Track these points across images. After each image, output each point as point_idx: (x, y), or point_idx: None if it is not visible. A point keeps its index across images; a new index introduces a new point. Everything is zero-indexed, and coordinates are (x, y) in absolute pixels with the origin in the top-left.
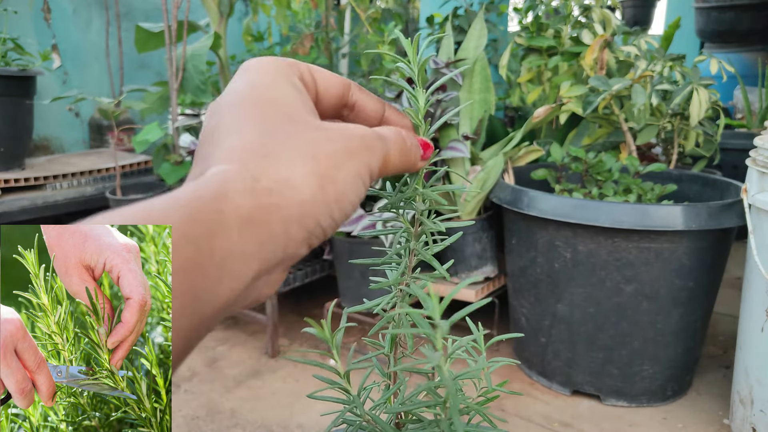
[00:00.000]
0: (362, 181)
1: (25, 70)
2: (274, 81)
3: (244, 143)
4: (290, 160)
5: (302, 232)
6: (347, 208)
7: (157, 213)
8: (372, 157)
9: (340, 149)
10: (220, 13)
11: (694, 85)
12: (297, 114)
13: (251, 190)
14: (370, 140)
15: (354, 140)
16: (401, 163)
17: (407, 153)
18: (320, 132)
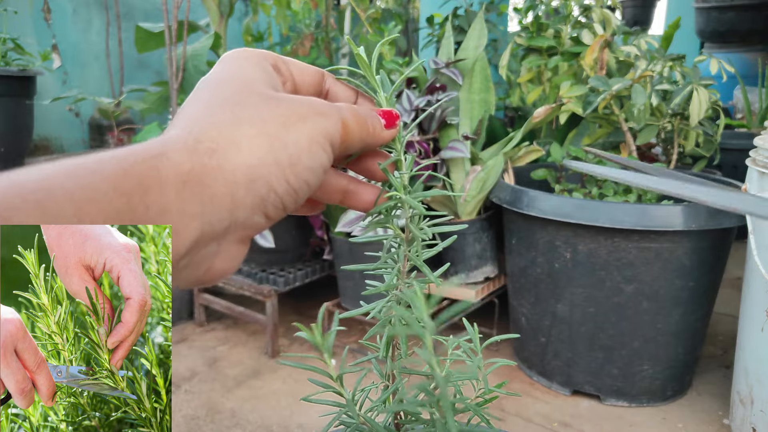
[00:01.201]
0: (320, 147)
1: (25, 70)
2: (239, 64)
3: (194, 112)
4: (236, 124)
5: (252, 197)
6: (305, 174)
7: (91, 164)
8: (327, 123)
9: (290, 113)
10: (220, 13)
11: (694, 85)
12: (253, 87)
13: (192, 150)
14: (322, 106)
15: (305, 105)
16: (362, 131)
17: (363, 121)
18: (271, 100)
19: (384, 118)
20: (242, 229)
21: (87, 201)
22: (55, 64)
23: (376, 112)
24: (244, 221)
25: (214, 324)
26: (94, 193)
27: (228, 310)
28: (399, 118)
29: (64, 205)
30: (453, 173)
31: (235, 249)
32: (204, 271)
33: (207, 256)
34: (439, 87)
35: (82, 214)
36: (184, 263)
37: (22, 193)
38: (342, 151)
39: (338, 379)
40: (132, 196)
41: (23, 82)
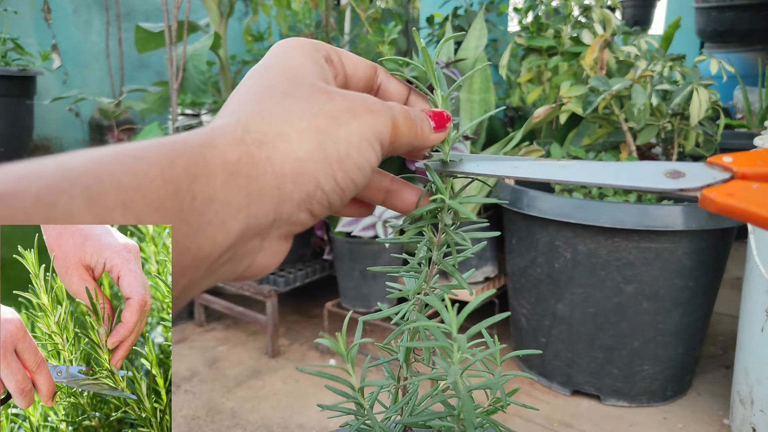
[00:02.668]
0: (370, 145)
1: (26, 70)
2: (291, 53)
3: (243, 102)
4: (286, 116)
5: (299, 192)
6: (353, 172)
7: (137, 151)
8: (378, 122)
9: (342, 108)
10: (220, 13)
11: (694, 85)
12: (305, 78)
13: (240, 141)
14: (374, 104)
15: (357, 102)
16: (410, 133)
17: (413, 122)
18: (323, 93)
19: (434, 120)
20: (287, 225)
21: (134, 188)
22: (55, 64)
23: (427, 114)
24: (289, 217)
25: (214, 324)
26: (141, 180)
27: (228, 310)
28: (450, 120)
29: (111, 192)
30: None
31: (277, 245)
32: (246, 266)
33: (250, 251)
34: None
35: (128, 201)
36: (227, 257)
37: (69, 177)
38: (390, 152)
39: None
40: (179, 184)
41: (23, 82)
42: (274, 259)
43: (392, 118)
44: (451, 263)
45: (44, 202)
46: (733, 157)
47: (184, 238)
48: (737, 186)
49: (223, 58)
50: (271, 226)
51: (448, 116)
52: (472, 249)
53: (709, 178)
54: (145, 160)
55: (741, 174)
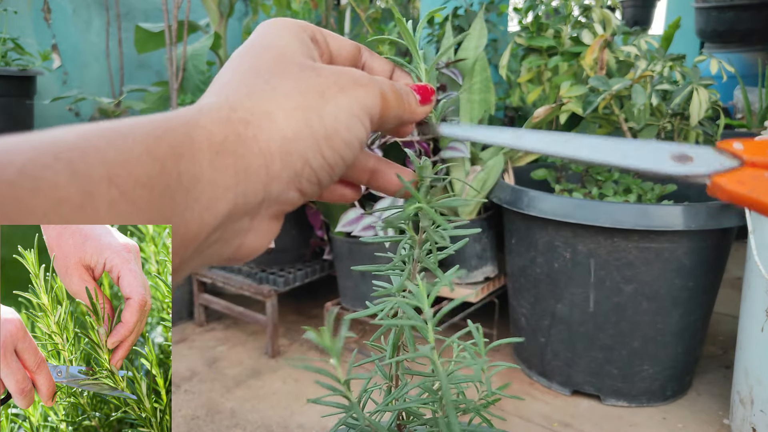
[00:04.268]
0: (359, 120)
1: (25, 70)
2: (278, 33)
3: (229, 81)
4: (273, 95)
5: (287, 170)
6: (342, 149)
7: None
8: (367, 96)
9: (329, 84)
10: (220, 13)
11: (694, 85)
12: (291, 57)
13: (226, 120)
14: (362, 78)
15: (344, 76)
16: (399, 106)
17: (400, 96)
18: (310, 70)
19: (419, 93)
20: (276, 205)
21: (120, 163)
22: (55, 64)
23: (411, 87)
24: (278, 196)
25: (214, 324)
26: (127, 156)
27: (228, 310)
28: (434, 93)
29: (96, 166)
30: (453, 173)
31: (267, 225)
32: (235, 247)
33: (239, 232)
34: (439, 87)
35: (113, 176)
36: (215, 237)
37: (54, 151)
38: (379, 126)
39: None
40: (165, 161)
41: (23, 82)
42: (265, 239)
43: (381, 91)
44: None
45: (28, 174)
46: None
47: (172, 215)
48: (748, 174)
49: (223, 58)
50: (261, 205)
51: (431, 89)
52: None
53: (717, 164)
54: (131, 137)
55: (751, 162)
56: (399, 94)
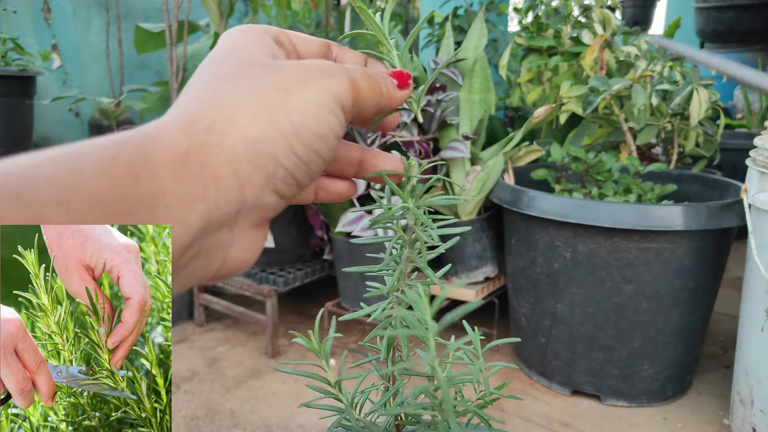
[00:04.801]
0: (329, 111)
1: (25, 70)
2: (240, 39)
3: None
4: (235, 98)
5: (258, 174)
6: (314, 143)
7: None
8: (334, 84)
9: (292, 78)
10: (220, 13)
11: (694, 85)
12: (252, 59)
13: (188, 130)
14: (329, 67)
15: (307, 68)
16: (374, 92)
17: (374, 81)
18: (272, 69)
19: (396, 78)
20: (255, 212)
21: (71, 186)
22: (55, 64)
23: (387, 74)
24: (255, 202)
25: (214, 324)
26: (79, 179)
27: (228, 310)
28: (411, 77)
29: (45, 189)
30: (453, 173)
31: (250, 235)
32: (219, 263)
33: (219, 246)
34: (439, 87)
35: (64, 199)
36: (192, 253)
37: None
38: (355, 115)
39: (336, 385)
40: (121, 181)
41: (23, 82)
42: (251, 251)
43: (350, 78)
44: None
45: None
46: None
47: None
48: None
49: None
50: (238, 214)
51: (407, 74)
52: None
53: None
54: (85, 159)
55: None
56: (373, 79)
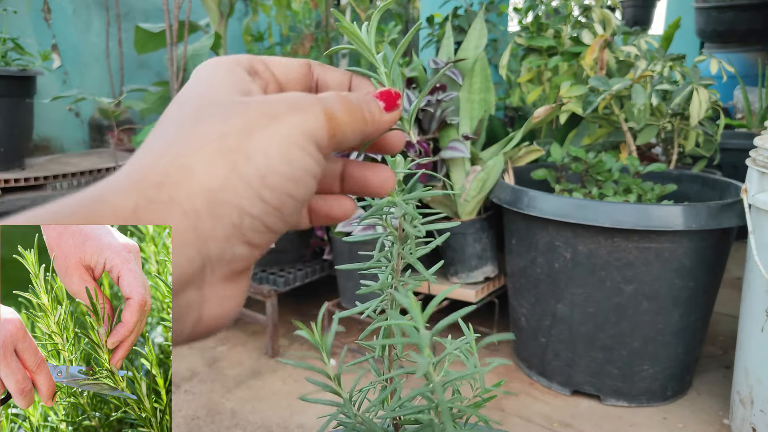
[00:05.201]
0: (299, 149)
1: (25, 70)
2: (207, 73)
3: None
4: (191, 144)
5: (221, 226)
6: (283, 185)
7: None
8: (306, 119)
9: (257, 116)
10: (220, 13)
11: (694, 85)
12: (216, 96)
13: (136, 188)
14: (298, 101)
15: (275, 104)
16: (354, 120)
17: (356, 108)
18: (236, 106)
19: (383, 100)
20: (223, 266)
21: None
22: (55, 64)
23: (373, 95)
24: (221, 256)
25: None
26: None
27: None
28: (400, 97)
29: None
30: (453, 173)
31: (224, 290)
32: (193, 323)
33: (190, 306)
34: (440, 87)
35: None
36: None
37: None
38: (335, 147)
39: (336, 379)
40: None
41: (23, 82)
42: (228, 306)
43: (325, 110)
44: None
45: None
46: None
47: None
48: None
49: None
50: (203, 271)
51: (396, 93)
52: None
53: None
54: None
55: None
56: (354, 106)
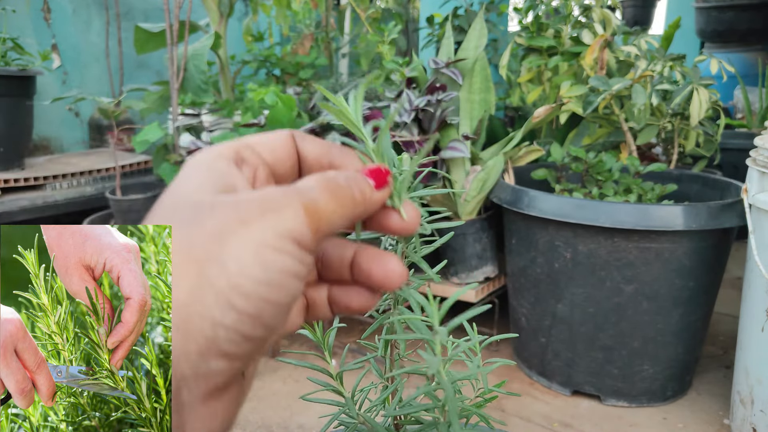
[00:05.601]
0: (276, 251)
1: (25, 70)
2: (189, 174)
3: None
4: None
5: (193, 341)
6: (259, 291)
7: None
8: (282, 219)
9: (227, 221)
10: (220, 13)
11: (695, 85)
12: (187, 199)
13: None
14: (272, 200)
15: (248, 205)
16: (341, 206)
17: (344, 192)
18: (205, 211)
19: (372, 178)
20: (201, 383)
21: None
22: (54, 64)
23: (363, 173)
24: (196, 373)
25: None
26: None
27: None
28: (390, 174)
29: None
30: (453, 173)
31: (206, 410)
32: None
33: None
34: (439, 87)
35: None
36: None
37: None
38: (323, 238)
39: (338, 378)
40: None
41: (23, 82)
42: (211, 425)
43: (304, 204)
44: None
45: None
46: None
47: None
48: None
49: (223, 58)
50: (179, 393)
51: (386, 170)
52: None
53: None
54: None
55: None
56: (343, 189)
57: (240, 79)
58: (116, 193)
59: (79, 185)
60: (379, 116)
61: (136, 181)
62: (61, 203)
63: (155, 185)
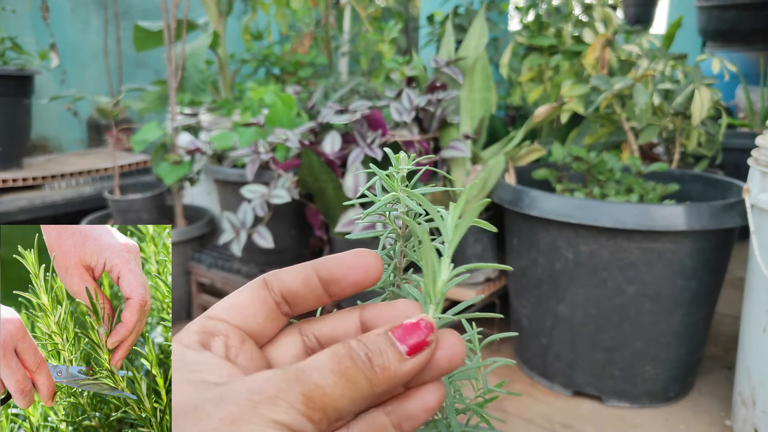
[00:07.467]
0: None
1: (23, 70)
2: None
3: None
4: None
5: None
6: None
7: None
8: (275, 411)
9: (217, 421)
10: (219, 12)
11: (696, 85)
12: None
13: None
14: (266, 388)
15: (236, 397)
16: (354, 389)
17: (359, 372)
18: (188, 413)
19: (404, 341)
20: None
21: None
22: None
23: (392, 333)
24: None
25: None
26: None
27: None
28: (432, 330)
29: None
30: (454, 173)
31: None
32: None
33: None
34: (440, 86)
35: None
36: None
37: None
38: (330, 423)
39: None
40: None
41: (21, 81)
42: None
43: (304, 392)
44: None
45: None
46: None
47: None
48: None
49: (222, 56)
50: None
51: (428, 324)
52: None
53: None
54: None
55: None
56: (352, 370)
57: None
58: (115, 193)
59: (78, 185)
60: (379, 116)
61: (135, 180)
62: (60, 203)
63: (154, 185)
